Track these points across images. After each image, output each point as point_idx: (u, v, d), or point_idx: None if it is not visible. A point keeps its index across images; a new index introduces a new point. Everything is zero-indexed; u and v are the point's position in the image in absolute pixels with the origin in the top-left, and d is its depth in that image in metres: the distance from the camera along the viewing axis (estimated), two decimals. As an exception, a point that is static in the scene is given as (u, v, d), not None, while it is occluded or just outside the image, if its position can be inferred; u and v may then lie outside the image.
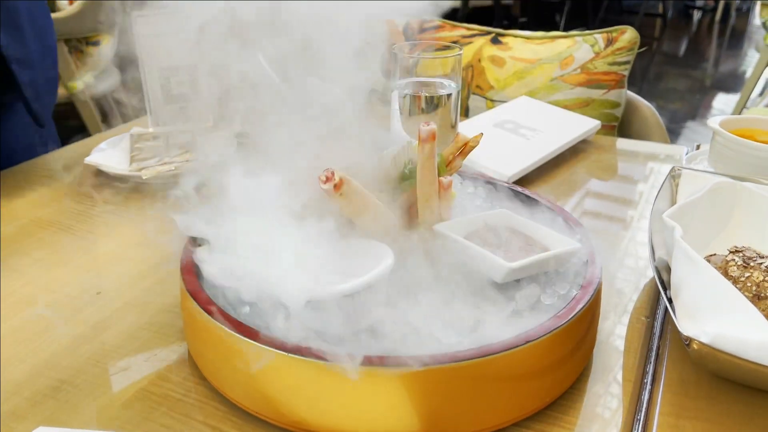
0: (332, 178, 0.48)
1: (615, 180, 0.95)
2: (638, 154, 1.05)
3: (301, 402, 0.46)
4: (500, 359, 0.45)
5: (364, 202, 0.51)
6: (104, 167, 0.89)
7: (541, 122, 1.01)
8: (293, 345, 0.45)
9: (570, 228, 0.62)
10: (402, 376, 0.44)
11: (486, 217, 0.60)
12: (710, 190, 0.66)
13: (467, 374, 0.45)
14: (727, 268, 0.57)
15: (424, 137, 0.53)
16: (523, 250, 0.55)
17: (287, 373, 0.46)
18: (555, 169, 0.95)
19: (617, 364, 0.55)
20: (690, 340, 0.48)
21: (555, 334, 0.47)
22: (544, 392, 0.49)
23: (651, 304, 0.64)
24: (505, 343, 0.45)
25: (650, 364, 0.55)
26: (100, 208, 0.83)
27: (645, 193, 0.90)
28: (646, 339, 0.58)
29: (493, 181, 0.71)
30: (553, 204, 0.65)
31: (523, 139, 0.97)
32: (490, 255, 0.52)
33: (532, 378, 0.48)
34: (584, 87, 1.16)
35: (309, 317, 0.46)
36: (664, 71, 4.80)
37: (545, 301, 0.52)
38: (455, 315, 0.50)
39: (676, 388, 0.52)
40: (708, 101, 4.18)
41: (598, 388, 0.53)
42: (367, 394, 0.45)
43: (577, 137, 1.00)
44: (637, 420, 0.49)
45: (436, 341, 0.48)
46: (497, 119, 1.02)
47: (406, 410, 0.45)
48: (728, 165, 0.80)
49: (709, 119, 0.84)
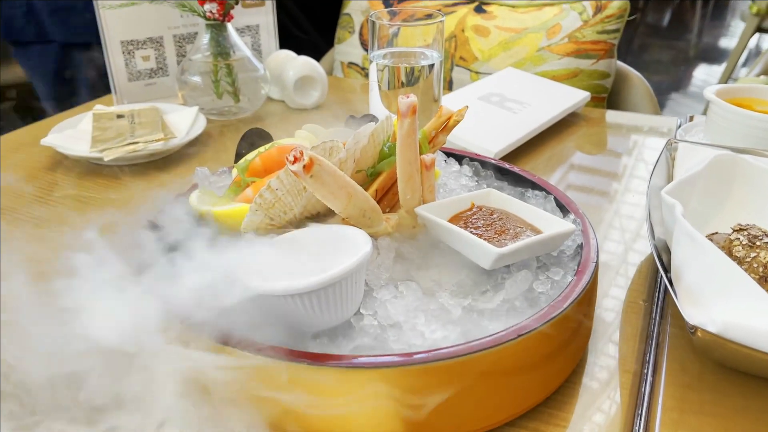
0: (301, 158, 0.43)
1: (605, 154, 0.91)
2: (629, 126, 1.00)
3: (270, 408, 0.41)
4: (490, 355, 0.41)
5: (339, 184, 0.46)
6: (62, 149, 0.83)
7: (528, 95, 0.97)
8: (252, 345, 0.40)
9: (563, 208, 0.57)
10: (381, 375, 0.39)
11: (473, 197, 0.55)
12: (710, 164, 0.62)
13: (454, 372, 0.40)
14: (732, 247, 0.53)
15: (404, 111, 0.48)
16: (513, 233, 0.51)
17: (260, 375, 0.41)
18: (543, 144, 0.90)
19: (614, 353, 0.51)
20: (696, 329, 0.44)
21: (550, 325, 0.43)
22: (539, 388, 0.45)
23: (648, 286, 0.60)
24: (496, 338, 0.41)
25: (650, 353, 0.51)
26: (58, 194, 0.77)
27: (636, 167, 0.86)
28: (645, 324, 0.55)
29: (480, 158, 0.66)
30: (544, 182, 0.61)
31: (510, 112, 0.92)
32: (478, 240, 0.48)
33: (525, 373, 0.44)
34: (572, 57, 1.11)
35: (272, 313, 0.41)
36: (648, 43, 4.76)
37: (538, 288, 0.48)
38: (440, 306, 0.46)
39: (678, 380, 0.48)
40: (692, 72, 4.15)
41: (594, 380, 0.49)
42: (343, 396, 0.40)
43: (566, 110, 0.95)
44: (638, 415, 0.46)
45: (419, 336, 0.43)
46: (482, 92, 0.97)
47: (386, 413, 0.40)
48: (726, 136, 0.76)
49: (705, 89, 0.80)
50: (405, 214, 0.53)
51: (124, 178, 0.82)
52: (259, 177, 0.56)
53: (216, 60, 0.98)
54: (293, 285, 0.41)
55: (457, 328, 0.44)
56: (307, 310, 0.42)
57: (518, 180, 0.63)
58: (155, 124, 0.89)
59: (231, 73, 0.99)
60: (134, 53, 1.02)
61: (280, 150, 0.57)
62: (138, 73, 1.04)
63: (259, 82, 1.01)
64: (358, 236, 0.46)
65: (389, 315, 0.45)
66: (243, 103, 1.01)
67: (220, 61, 0.98)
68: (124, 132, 0.87)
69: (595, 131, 0.97)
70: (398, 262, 0.50)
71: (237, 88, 1.00)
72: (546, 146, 0.90)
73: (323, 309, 0.42)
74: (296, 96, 1.05)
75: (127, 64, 1.02)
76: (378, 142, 0.53)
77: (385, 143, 0.54)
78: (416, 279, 0.49)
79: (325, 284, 0.41)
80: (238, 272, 0.42)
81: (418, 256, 0.51)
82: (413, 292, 0.46)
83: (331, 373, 0.39)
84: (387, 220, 0.51)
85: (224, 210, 0.52)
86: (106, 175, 0.82)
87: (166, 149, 0.85)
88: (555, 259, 0.52)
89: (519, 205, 0.55)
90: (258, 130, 0.66)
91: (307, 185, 0.45)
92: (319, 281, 0.41)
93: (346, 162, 0.50)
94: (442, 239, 0.52)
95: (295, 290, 0.41)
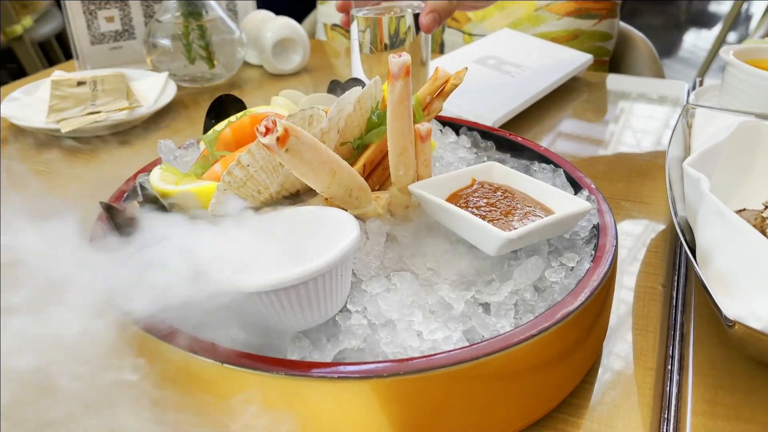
0: (274, 129, 0.36)
1: (609, 120, 0.84)
2: (634, 91, 0.94)
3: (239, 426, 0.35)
4: (499, 359, 0.35)
5: (320, 159, 0.39)
6: (15, 120, 0.75)
7: (526, 58, 0.89)
8: (224, 352, 0.34)
9: (573, 183, 0.51)
10: (372, 384, 0.33)
11: (473, 172, 0.49)
12: (734, 132, 0.56)
13: (457, 380, 0.34)
14: (765, 226, 0.47)
15: (395, 72, 0.41)
16: (521, 213, 0.44)
17: (223, 387, 0.35)
18: (540, 110, 0.84)
19: (631, 348, 0.46)
20: (734, 323, 0.38)
21: (568, 322, 0.37)
22: (553, 392, 0.39)
23: (666, 269, 0.54)
24: (506, 338, 0.35)
25: (674, 347, 0.45)
26: (8, 170, 0.70)
27: (643, 136, 0.80)
28: (665, 313, 0.49)
29: (480, 127, 0.59)
30: (552, 154, 0.54)
31: (508, 76, 0.85)
32: (481, 222, 0.41)
33: (538, 376, 0.38)
34: (572, 17, 1.04)
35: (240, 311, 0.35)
36: (638, 7, 4.66)
37: (550, 277, 0.42)
38: (439, 300, 0.40)
39: (707, 378, 0.43)
40: (683, 37, 4.07)
41: (612, 379, 0.43)
42: (328, 409, 0.34)
43: (567, 74, 0.88)
44: (665, 419, 0.40)
45: (415, 337, 0.37)
46: (478, 54, 0.90)
47: (377, 428, 0.34)
48: (744, 101, 0.70)
49: (722, 49, 0.73)
50: (397, 192, 0.46)
51: (84, 151, 0.74)
52: (229, 151, 0.49)
53: (187, 21, 0.90)
54: (264, 280, 0.34)
55: (459, 327, 0.38)
56: (282, 309, 0.36)
57: (522, 151, 0.56)
58: (119, 91, 0.81)
59: (204, 35, 0.91)
60: (96, 13, 0.93)
61: (253, 119, 0.50)
62: (101, 36, 0.95)
63: (234, 45, 0.93)
64: (343, 219, 0.39)
65: (381, 312, 0.38)
66: (217, 68, 0.93)
67: (191, 23, 0.90)
68: (84, 100, 0.79)
69: (597, 96, 0.90)
70: (390, 248, 0.43)
71: (211, 52, 0.91)
72: (544, 113, 0.83)
73: (302, 308, 0.36)
74: (275, 60, 0.97)
75: (89, 26, 0.93)
76: (365, 109, 0.46)
77: (373, 111, 0.47)
78: (411, 268, 0.42)
79: (303, 279, 0.35)
80: (198, 262, 0.35)
81: (412, 240, 0.44)
82: (408, 284, 0.40)
83: (311, 386, 0.33)
84: (377, 199, 0.45)
85: (188, 189, 0.45)
86: (64, 149, 0.74)
87: (132, 119, 0.77)
88: (568, 242, 0.46)
89: (525, 181, 0.48)
90: (230, 96, 0.58)
91: (282, 161, 0.38)
92: (296, 276, 0.34)
93: (329, 133, 0.43)
94: (439, 221, 0.45)
95: (266, 286, 0.34)
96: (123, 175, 0.57)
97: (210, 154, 0.49)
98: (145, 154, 0.74)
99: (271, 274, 0.34)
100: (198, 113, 0.86)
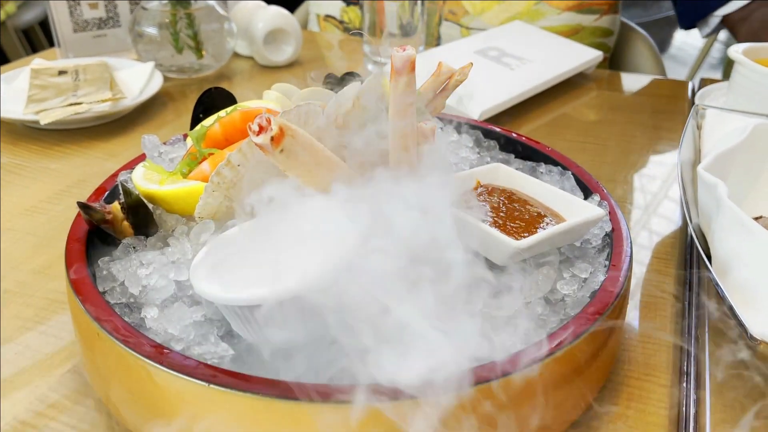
0: (268, 127, 0.33)
1: (614, 119, 0.81)
2: (636, 89, 0.91)
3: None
4: (510, 382, 0.32)
5: (317, 160, 0.36)
6: (-9, 110, 0.71)
7: (532, 50, 0.86)
8: (219, 374, 0.31)
9: (583, 186, 0.48)
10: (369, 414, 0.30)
11: (477, 174, 0.46)
12: (750, 135, 0.53)
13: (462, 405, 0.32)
14: (785, 236, 0.44)
15: (399, 67, 0.38)
16: (529, 219, 0.41)
17: (216, 410, 0.32)
18: (541, 107, 0.81)
19: (643, 363, 0.43)
20: (761, 343, 0.35)
21: (584, 339, 0.34)
22: (563, 414, 0.37)
23: (676, 275, 0.52)
24: (516, 360, 0.32)
25: (689, 363, 0.43)
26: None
27: (644, 135, 0.77)
28: (677, 325, 0.46)
29: (482, 125, 0.56)
30: (561, 156, 0.52)
31: (506, 68, 0.82)
32: (490, 230, 0.39)
33: (549, 398, 0.35)
34: (573, 12, 1.01)
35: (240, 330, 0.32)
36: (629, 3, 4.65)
37: (562, 289, 0.39)
38: (440, 317, 0.37)
39: (724, 399, 0.40)
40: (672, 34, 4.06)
41: (623, 398, 0.40)
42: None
43: (571, 70, 0.85)
44: (682, 442, 0.37)
45: (413, 355, 0.34)
46: (481, 45, 0.87)
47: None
48: (754, 101, 0.67)
49: (729, 48, 0.71)
50: (398, 195, 0.43)
51: (65, 145, 0.70)
52: (218, 148, 0.46)
53: (175, 9, 0.86)
54: (234, 295, 0.31)
55: (462, 345, 0.35)
56: (258, 325, 0.33)
57: (528, 152, 0.53)
58: (102, 81, 0.78)
59: (192, 24, 0.87)
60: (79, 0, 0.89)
61: (244, 115, 0.47)
62: (85, 23, 0.91)
63: (224, 35, 0.89)
64: (342, 224, 0.36)
65: (376, 328, 0.35)
66: (206, 58, 0.89)
67: (179, 11, 0.86)
68: (65, 90, 0.75)
69: (598, 94, 0.87)
70: (389, 258, 0.40)
71: (199, 42, 0.88)
72: (546, 110, 0.81)
73: (281, 325, 0.33)
74: (266, 51, 0.93)
75: (72, 12, 0.89)
76: (365, 106, 0.43)
77: (373, 108, 0.44)
78: (411, 281, 0.39)
79: (278, 299, 0.31)
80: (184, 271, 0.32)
81: (413, 251, 0.41)
82: (408, 298, 0.37)
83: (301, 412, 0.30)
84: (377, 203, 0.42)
85: (173, 190, 0.42)
86: (44, 142, 0.71)
87: (115, 111, 0.73)
88: (579, 250, 0.43)
89: (533, 184, 0.45)
90: (219, 89, 0.55)
91: (276, 162, 0.35)
92: (267, 294, 0.31)
93: (327, 131, 0.40)
94: (443, 227, 0.42)
95: (234, 301, 0.31)
96: (105, 171, 0.54)
97: (197, 151, 0.45)
98: (129, 148, 0.70)
99: (240, 290, 0.32)
100: (185, 105, 0.82)
